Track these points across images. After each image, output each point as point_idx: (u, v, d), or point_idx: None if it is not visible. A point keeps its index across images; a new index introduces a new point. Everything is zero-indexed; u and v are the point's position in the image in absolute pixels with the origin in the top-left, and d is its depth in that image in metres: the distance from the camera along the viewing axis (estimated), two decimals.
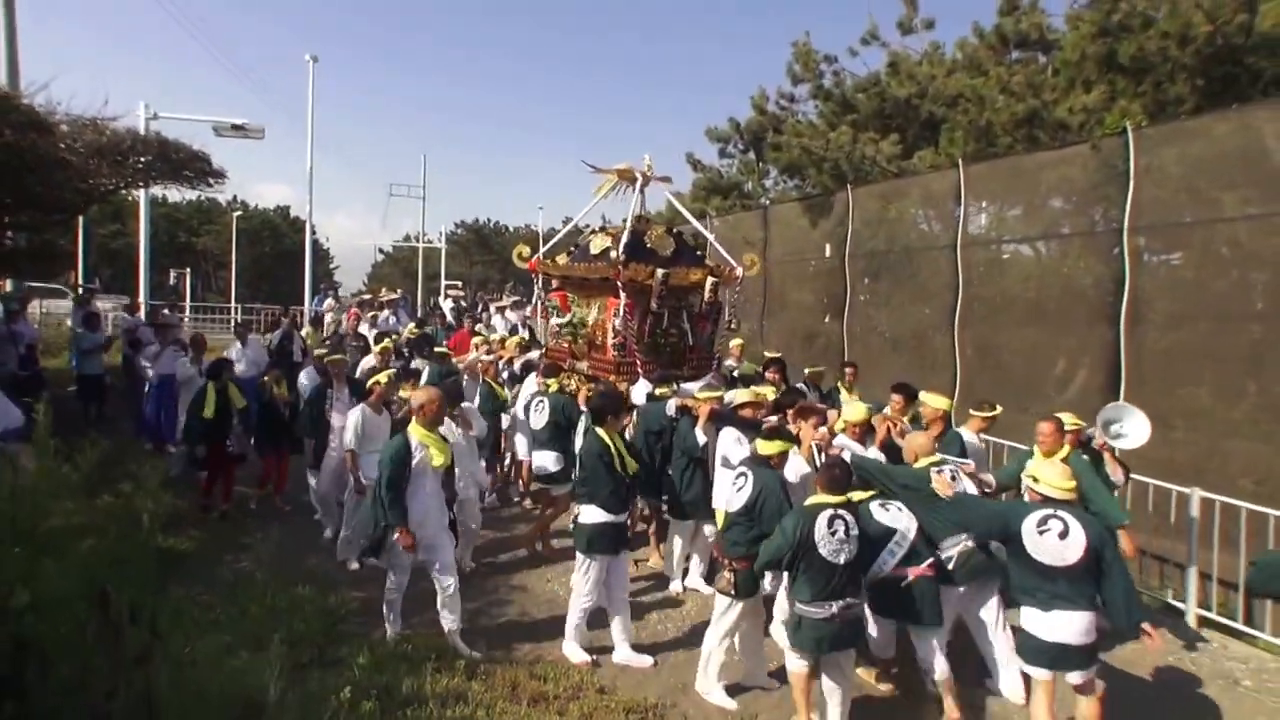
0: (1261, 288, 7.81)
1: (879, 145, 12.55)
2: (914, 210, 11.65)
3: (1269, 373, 7.44)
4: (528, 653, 5.59)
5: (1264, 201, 7.61)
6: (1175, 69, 9.19)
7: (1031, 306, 10.00)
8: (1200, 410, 7.98)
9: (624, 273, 7.51)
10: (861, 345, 11.83)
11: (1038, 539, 4.27)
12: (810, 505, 4.51)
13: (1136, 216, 8.39)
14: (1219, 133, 8.04)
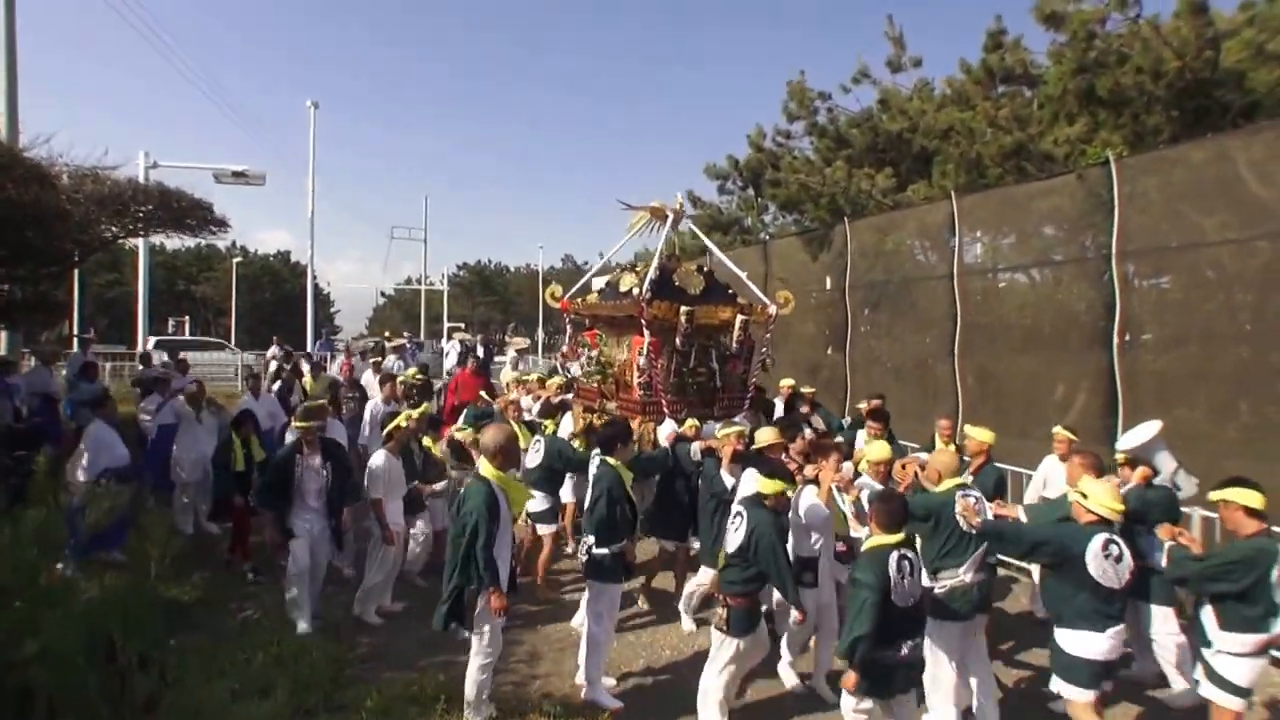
0: (1248, 309, 8.21)
1: (874, 179, 13.09)
2: (910, 242, 12.12)
3: (1259, 392, 7.79)
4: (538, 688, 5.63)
5: (1241, 226, 8.04)
6: (1151, 101, 9.73)
7: (1028, 333, 10.39)
8: (1196, 431, 8.33)
9: (647, 310, 7.45)
10: (864, 376, 12.23)
11: (1104, 563, 4.24)
12: (875, 547, 4.32)
13: (1123, 242, 8.82)
14: (1196, 161, 8.50)
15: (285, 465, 6.57)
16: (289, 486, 6.52)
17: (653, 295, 7.56)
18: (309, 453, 6.65)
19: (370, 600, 6.79)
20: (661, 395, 7.61)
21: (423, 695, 5.20)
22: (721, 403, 7.97)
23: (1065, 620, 4.38)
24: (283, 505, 6.51)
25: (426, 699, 5.14)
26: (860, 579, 4.23)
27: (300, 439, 6.69)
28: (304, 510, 6.58)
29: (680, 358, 7.72)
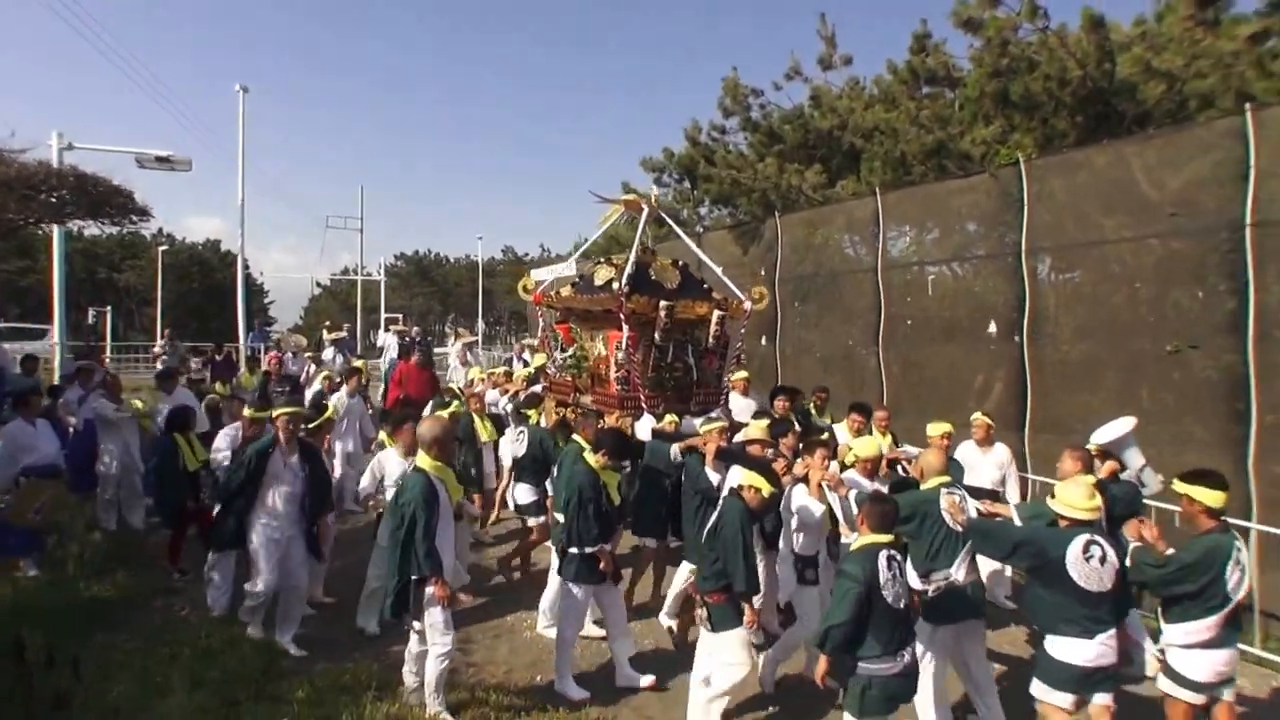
0: (1147, 303, 8.83)
1: (804, 175, 13.57)
2: (838, 236, 12.61)
3: (1157, 380, 8.39)
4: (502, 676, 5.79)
5: (1136, 226, 8.71)
6: (1058, 106, 10.39)
7: (949, 324, 10.99)
8: (1097, 416, 8.98)
9: (627, 305, 7.39)
10: (794, 366, 12.73)
11: (1085, 566, 4.21)
12: (866, 545, 4.30)
13: (1032, 239, 9.46)
14: (1099, 164, 9.10)
15: (260, 461, 5.98)
16: (257, 484, 5.99)
17: (631, 289, 7.52)
18: (287, 450, 6.14)
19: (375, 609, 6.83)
20: (640, 390, 7.58)
21: (355, 684, 5.29)
22: (698, 398, 8.01)
23: (1052, 627, 4.34)
24: (244, 506, 6.01)
25: (359, 687, 5.21)
26: (848, 570, 4.25)
27: (277, 433, 6.14)
28: (269, 515, 6.04)
29: (658, 353, 7.70)
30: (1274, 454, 6.86)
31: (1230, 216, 7.43)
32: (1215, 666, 4.35)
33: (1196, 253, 7.98)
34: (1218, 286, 7.67)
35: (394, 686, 5.24)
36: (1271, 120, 7.31)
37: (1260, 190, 7.20)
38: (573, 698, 5.47)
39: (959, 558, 4.87)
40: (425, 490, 4.82)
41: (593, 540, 5.47)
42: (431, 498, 4.82)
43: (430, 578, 4.78)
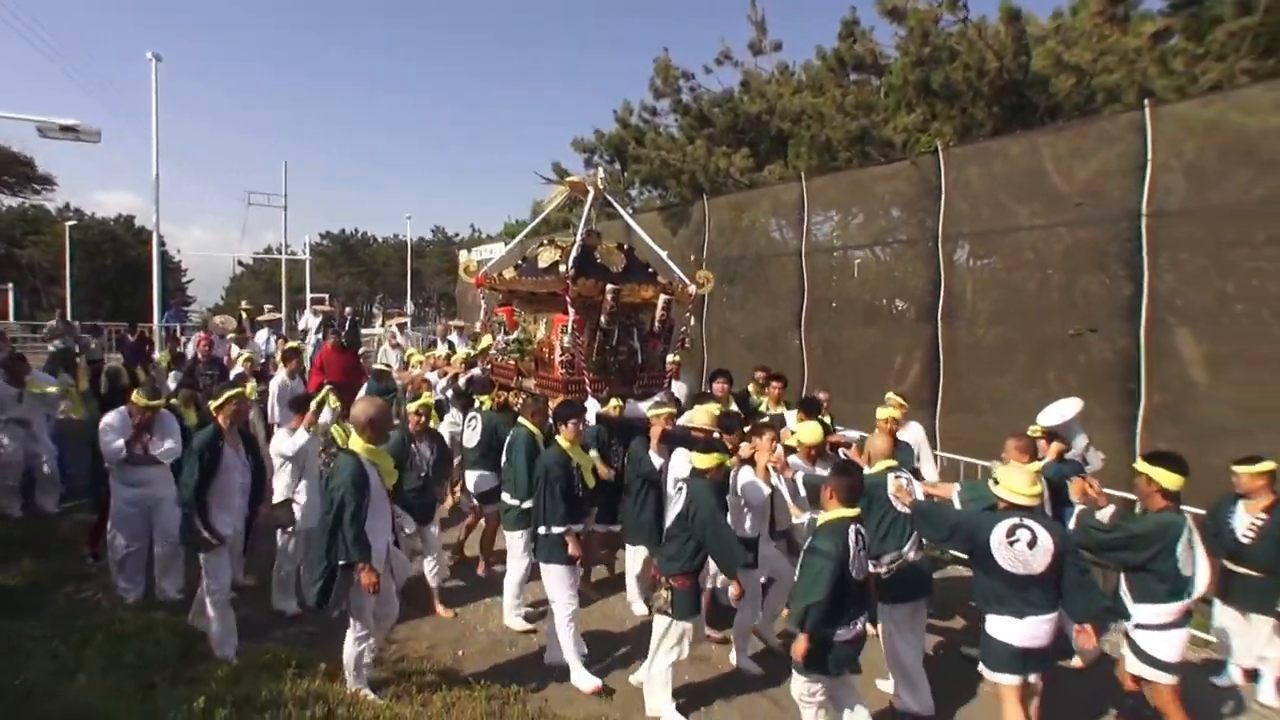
0: (1058, 289, 9.22)
1: (732, 158, 13.74)
2: (764, 219, 12.82)
3: (1064, 361, 8.80)
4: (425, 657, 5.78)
5: (1047, 214, 9.07)
6: (976, 96, 10.76)
7: (869, 307, 11.33)
8: (1004, 396, 9.41)
9: (573, 288, 7.33)
10: (719, 346, 12.94)
11: (1007, 550, 4.27)
12: (836, 519, 4.38)
13: (948, 225, 9.76)
14: (1014, 153, 9.47)
15: (213, 454, 5.53)
16: (212, 479, 5.54)
17: (577, 272, 7.45)
18: (231, 440, 5.73)
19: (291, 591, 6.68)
20: (584, 374, 7.56)
21: (275, 663, 5.19)
22: (642, 382, 8.02)
23: (988, 606, 4.45)
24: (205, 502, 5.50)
25: (279, 665, 5.13)
26: (820, 547, 4.27)
27: (218, 422, 5.68)
28: (225, 511, 5.64)
29: (603, 336, 7.65)
30: (1159, 432, 7.29)
31: (1129, 207, 7.82)
32: (1179, 646, 4.55)
33: (1100, 241, 8.37)
34: (1117, 273, 8.08)
35: (314, 664, 5.20)
36: (1169, 116, 7.72)
37: (1156, 182, 7.60)
38: (584, 689, 5.39)
39: (909, 538, 5.06)
40: (355, 474, 4.70)
41: (558, 521, 5.40)
42: (362, 481, 4.70)
43: (358, 564, 4.68)
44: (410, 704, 4.89)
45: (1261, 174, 7.14)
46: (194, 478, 5.38)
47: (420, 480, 6.55)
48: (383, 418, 5.04)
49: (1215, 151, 7.46)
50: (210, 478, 5.47)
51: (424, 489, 6.59)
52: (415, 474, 6.52)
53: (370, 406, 5.07)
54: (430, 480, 6.63)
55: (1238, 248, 7.42)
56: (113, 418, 6.59)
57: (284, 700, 4.46)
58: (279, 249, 42.60)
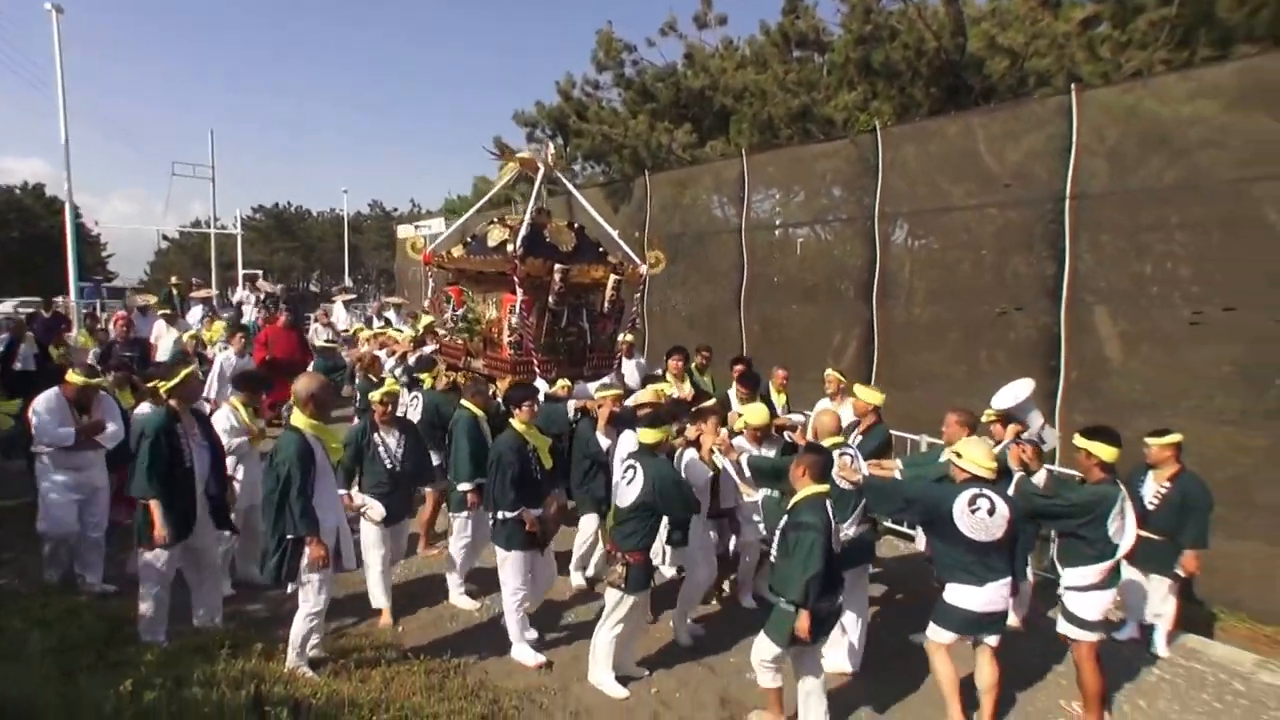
0: (990, 269, 9.51)
1: (674, 133, 13.84)
2: (706, 196, 12.96)
3: (992, 340, 9.13)
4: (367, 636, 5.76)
5: (980, 194, 9.36)
6: (915, 76, 11.03)
7: (808, 285, 11.53)
8: (933, 372, 9.75)
9: (521, 267, 7.30)
10: (660, 323, 13.10)
11: (971, 518, 4.50)
12: (814, 495, 4.53)
13: (885, 204, 10.01)
14: (950, 133, 9.71)
15: (169, 440, 5.26)
16: (172, 466, 5.27)
17: (526, 252, 7.43)
18: (188, 423, 5.48)
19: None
20: (533, 354, 7.56)
21: (208, 644, 5.13)
22: (591, 362, 8.03)
23: (948, 575, 4.64)
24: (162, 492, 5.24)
25: (213, 647, 5.10)
26: (807, 521, 4.40)
27: (171, 406, 5.43)
28: (187, 497, 5.41)
29: (552, 316, 7.66)
30: (1077, 405, 7.69)
31: (1055, 189, 8.15)
32: (1103, 606, 4.83)
33: (1027, 222, 8.69)
34: (1042, 254, 8.42)
35: (249, 644, 5.15)
36: (1093, 101, 8.03)
37: (1080, 165, 7.94)
38: (526, 663, 5.48)
39: (852, 515, 5.20)
40: (300, 449, 4.75)
41: (509, 505, 5.39)
42: (307, 456, 4.75)
43: (306, 538, 4.74)
44: (349, 680, 4.91)
45: (1173, 160, 7.50)
46: (147, 463, 5.14)
47: (388, 475, 5.99)
48: (325, 393, 5.08)
49: (1134, 137, 7.78)
50: (165, 464, 5.20)
51: (393, 485, 6.02)
52: (381, 467, 5.97)
53: (312, 382, 5.10)
54: (401, 475, 6.05)
55: (1153, 231, 7.78)
56: (46, 401, 6.25)
57: (217, 681, 4.42)
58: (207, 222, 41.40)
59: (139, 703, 3.91)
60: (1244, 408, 6.79)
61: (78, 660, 4.91)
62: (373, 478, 5.96)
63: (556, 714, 4.90)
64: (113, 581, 6.45)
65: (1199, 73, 7.93)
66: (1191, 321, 7.14)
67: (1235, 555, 6.43)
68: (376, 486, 5.95)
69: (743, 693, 5.19)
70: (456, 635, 5.90)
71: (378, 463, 5.98)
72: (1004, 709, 5.01)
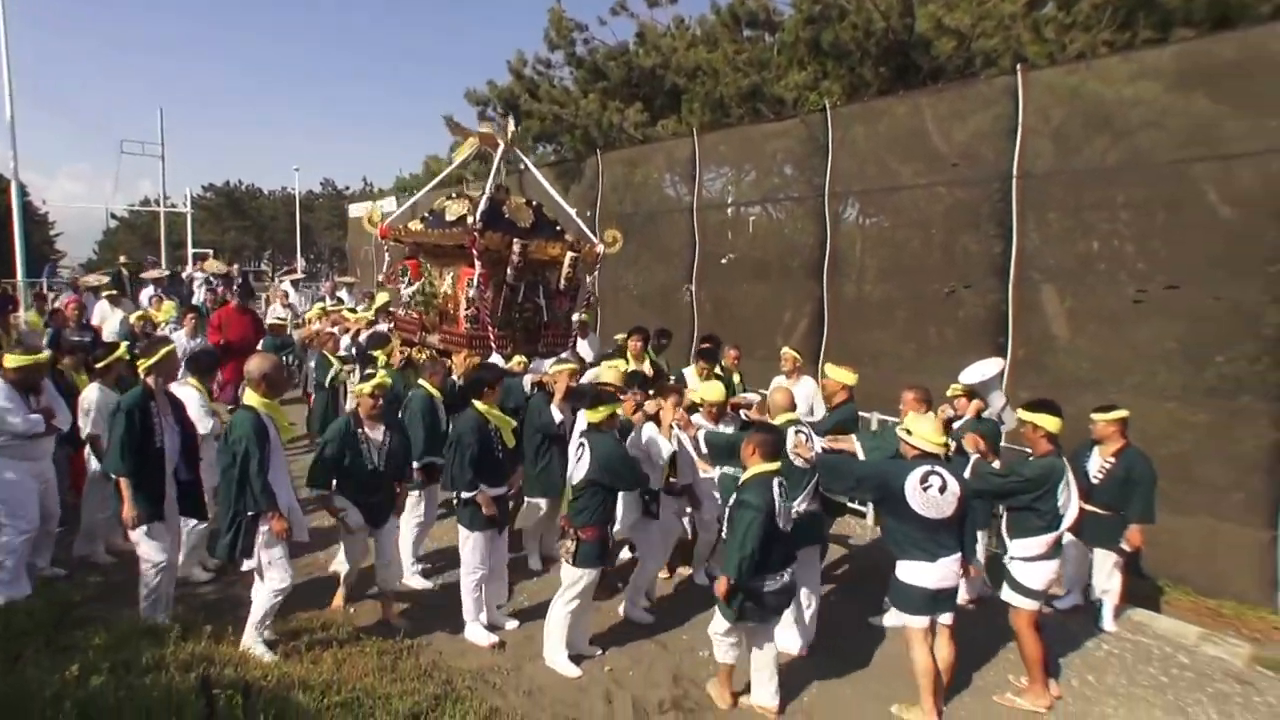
0: (939, 247, 9.46)
1: (625, 112, 13.58)
2: (657, 175, 12.77)
3: (942, 318, 9.15)
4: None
5: (928, 173, 9.33)
6: (864, 56, 10.92)
7: (760, 263, 11.47)
8: (882, 349, 9.75)
9: (480, 241, 7.22)
10: (612, 303, 12.93)
11: (923, 495, 4.46)
12: (761, 473, 4.54)
13: (835, 183, 9.94)
14: (899, 113, 9.65)
15: (142, 419, 5.11)
16: (147, 446, 5.14)
17: (485, 226, 7.36)
18: (162, 404, 5.32)
19: (96, 539, 6.50)
20: (489, 329, 7.49)
21: (158, 628, 5.02)
22: (546, 339, 8.00)
23: (900, 552, 4.63)
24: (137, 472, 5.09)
25: (162, 630, 4.95)
26: (749, 500, 4.42)
27: (147, 385, 5.25)
28: (157, 478, 5.25)
29: (509, 292, 7.58)
30: (1023, 382, 7.71)
31: (1002, 168, 8.14)
32: (1047, 576, 4.87)
33: (975, 201, 8.68)
34: (989, 233, 8.41)
35: (199, 627, 5.03)
36: (1038, 81, 8.03)
37: (1026, 145, 7.94)
38: (480, 644, 5.41)
39: (802, 492, 5.15)
40: (255, 426, 4.75)
41: (466, 485, 5.29)
42: (261, 434, 4.76)
43: (267, 513, 4.76)
44: (300, 662, 4.85)
45: (1116, 141, 7.54)
46: (121, 440, 4.98)
47: (369, 475, 5.45)
48: (277, 373, 5.10)
49: (1078, 118, 7.78)
50: (138, 442, 5.06)
51: (376, 487, 5.50)
52: (363, 467, 5.42)
53: (265, 362, 5.11)
54: (384, 474, 5.52)
55: (1098, 210, 7.81)
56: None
57: (166, 665, 4.33)
58: (157, 201, 40.18)
59: (85, 688, 3.81)
60: (1185, 384, 6.85)
61: (24, 646, 4.74)
62: (354, 478, 5.42)
63: (510, 694, 4.87)
64: (61, 565, 6.30)
65: (1140, 55, 7.97)
66: (1135, 299, 7.18)
67: (1179, 530, 6.49)
68: (357, 489, 5.44)
69: (696, 670, 5.18)
70: (407, 614, 5.83)
71: (360, 461, 5.41)
72: (955, 685, 5.00)
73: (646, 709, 4.81)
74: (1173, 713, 4.92)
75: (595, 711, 4.77)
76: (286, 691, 4.23)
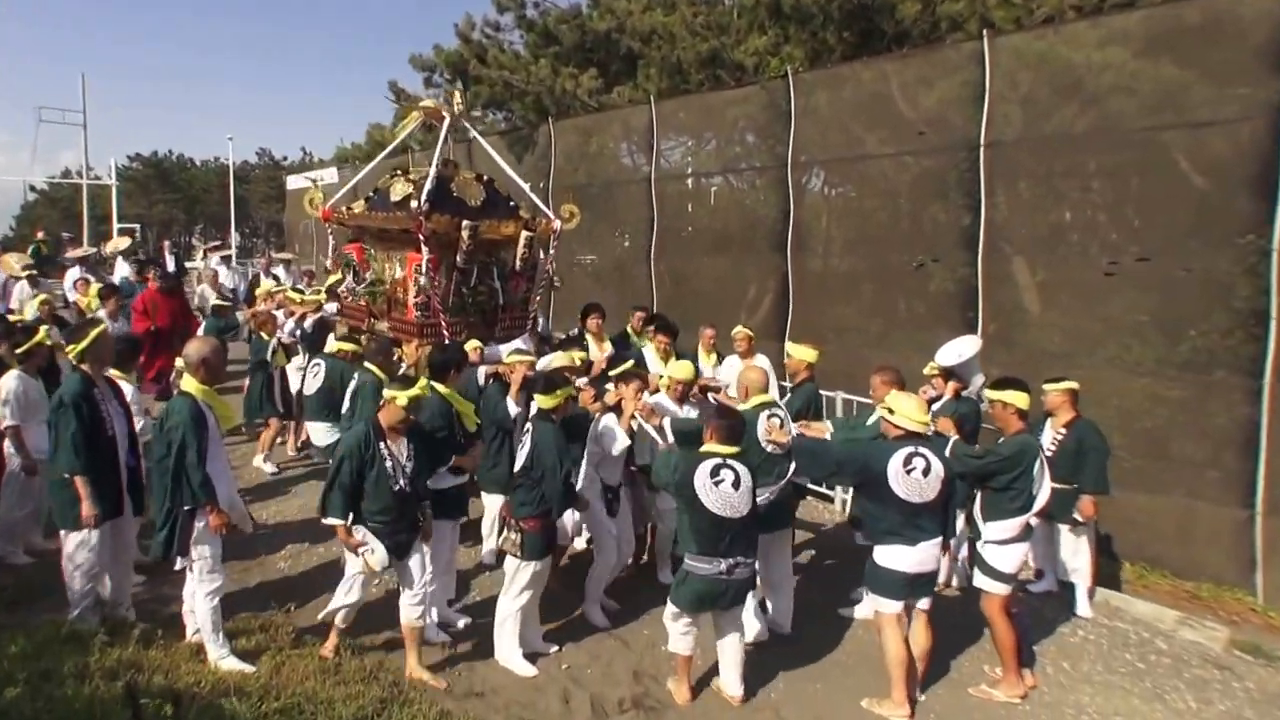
0: (907, 217, 9.30)
1: (579, 79, 13.20)
2: (614, 145, 12.46)
3: (912, 291, 9.00)
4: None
5: (895, 142, 9.16)
6: (826, 20, 10.72)
7: (721, 236, 11.24)
8: (848, 325, 9.64)
9: (427, 224, 6.94)
10: (565, 279, 12.61)
11: (905, 479, 4.37)
12: (697, 452, 4.50)
13: (798, 152, 9.72)
14: (864, 79, 9.45)
15: (90, 409, 4.91)
16: (99, 438, 4.96)
17: (431, 207, 7.04)
18: (104, 389, 5.14)
19: (11, 538, 6.20)
20: (440, 316, 7.26)
21: (81, 633, 4.84)
22: (503, 324, 7.71)
23: (878, 536, 4.53)
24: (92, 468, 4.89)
25: (85, 636, 4.76)
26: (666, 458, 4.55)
27: (84, 372, 5.03)
28: (111, 471, 5.07)
29: (460, 275, 7.30)
30: (993, 358, 7.52)
31: (969, 136, 8.01)
32: (1018, 559, 4.81)
33: (942, 170, 8.55)
34: (958, 203, 8.30)
35: (126, 631, 4.88)
36: (1005, 47, 7.90)
37: (993, 113, 7.81)
38: (431, 641, 5.21)
39: (772, 479, 5.00)
40: (193, 413, 4.56)
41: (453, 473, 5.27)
42: (200, 422, 4.57)
43: (205, 506, 4.55)
44: None
45: (1086, 107, 7.43)
46: (71, 434, 4.82)
47: (394, 499, 4.72)
48: (216, 357, 4.91)
49: (1047, 84, 7.67)
50: (88, 434, 4.91)
51: (401, 510, 4.77)
52: (387, 489, 4.67)
53: (203, 346, 4.93)
54: (410, 496, 4.80)
55: (1068, 179, 7.72)
56: None
57: (90, 673, 4.16)
58: (79, 172, 38.67)
59: (0, 701, 3.67)
60: (1160, 357, 6.80)
61: None
62: (376, 502, 4.68)
63: (461, 695, 4.68)
64: None
65: (1108, 20, 7.88)
66: (1107, 271, 7.11)
67: (1154, 510, 6.49)
68: (381, 514, 4.71)
69: (656, 666, 5.08)
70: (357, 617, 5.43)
71: (383, 482, 4.66)
72: (930, 676, 4.92)
73: (605, 708, 4.68)
74: (1150, 700, 4.87)
75: (551, 711, 4.64)
76: (220, 699, 4.08)
